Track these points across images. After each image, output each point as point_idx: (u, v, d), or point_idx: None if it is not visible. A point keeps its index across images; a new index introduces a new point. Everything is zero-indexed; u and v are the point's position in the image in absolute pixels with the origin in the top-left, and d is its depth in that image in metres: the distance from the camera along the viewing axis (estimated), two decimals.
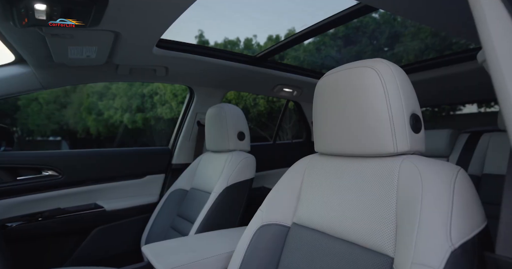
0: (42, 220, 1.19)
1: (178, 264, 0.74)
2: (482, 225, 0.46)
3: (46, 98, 14.74)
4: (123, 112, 12.29)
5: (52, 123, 14.80)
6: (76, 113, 14.35)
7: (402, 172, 0.56)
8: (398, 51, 8.96)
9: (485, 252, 0.42)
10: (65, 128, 14.97)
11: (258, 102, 9.17)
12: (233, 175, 1.13)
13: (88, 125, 13.69)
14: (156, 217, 1.34)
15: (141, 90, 11.97)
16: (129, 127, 12.01)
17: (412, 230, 0.47)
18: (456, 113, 9.32)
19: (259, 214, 0.77)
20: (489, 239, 0.46)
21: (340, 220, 0.62)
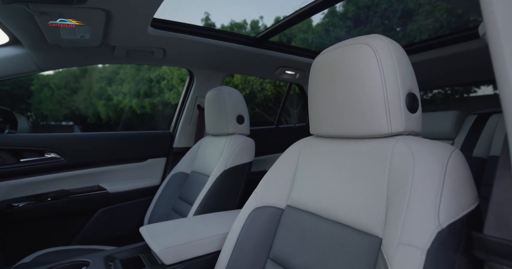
0: (47, 200, 1.22)
1: (173, 245, 0.75)
2: (472, 205, 0.45)
3: (57, 83, 14.93)
4: (131, 97, 12.37)
5: (64, 108, 15.06)
6: (86, 98, 14.53)
7: (395, 153, 0.54)
8: (411, 31, 8.55)
9: (473, 232, 0.41)
10: (76, 113, 15.24)
11: (265, 87, 9.04)
12: (231, 158, 1.12)
13: (99, 110, 13.88)
14: (158, 199, 1.36)
15: (148, 75, 11.95)
16: (138, 113, 12.13)
17: (401, 211, 0.46)
18: (470, 96, 8.96)
19: (253, 197, 0.77)
20: (479, 219, 0.45)
21: (332, 202, 0.61)
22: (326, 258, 0.57)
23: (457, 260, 0.41)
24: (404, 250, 0.42)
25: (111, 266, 0.76)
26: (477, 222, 0.44)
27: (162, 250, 0.72)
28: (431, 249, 0.40)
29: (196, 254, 0.77)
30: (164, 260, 0.72)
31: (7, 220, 1.15)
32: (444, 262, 0.40)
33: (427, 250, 0.40)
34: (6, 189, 1.15)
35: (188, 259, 0.76)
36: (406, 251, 0.42)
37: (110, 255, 0.81)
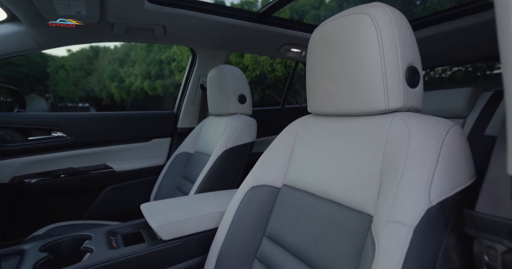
0: (57, 177, 1.27)
1: (170, 221, 0.76)
2: (467, 182, 0.44)
3: (72, 65, 15.13)
4: (142, 79, 12.41)
5: (80, 90, 15.36)
6: (100, 80, 14.71)
7: (391, 130, 0.51)
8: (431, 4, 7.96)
9: (465, 209, 0.40)
10: (91, 95, 15.53)
11: (275, 68, 8.83)
12: (232, 138, 1.11)
13: (112, 92, 14.08)
14: (163, 179, 1.38)
15: (159, 56, 11.88)
16: (150, 94, 12.22)
17: (392, 188, 0.45)
18: (493, 73, 8.41)
19: (250, 176, 0.77)
20: (473, 196, 0.43)
21: (327, 181, 0.60)
22: (319, 235, 0.57)
23: (445, 237, 0.40)
24: (392, 227, 0.41)
25: (112, 240, 0.78)
26: (471, 199, 0.42)
27: (160, 226, 0.74)
28: (419, 226, 0.39)
29: (194, 231, 0.78)
30: (162, 235, 0.73)
31: (20, 195, 1.20)
32: (431, 239, 0.39)
33: (414, 227, 0.39)
34: (17, 165, 1.20)
35: (186, 235, 0.77)
36: (393, 228, 0.41)
37: (112, 230, 0.83)
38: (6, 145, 1.18)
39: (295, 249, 0.60)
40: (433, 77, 7.26)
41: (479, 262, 0.36)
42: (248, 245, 0.71)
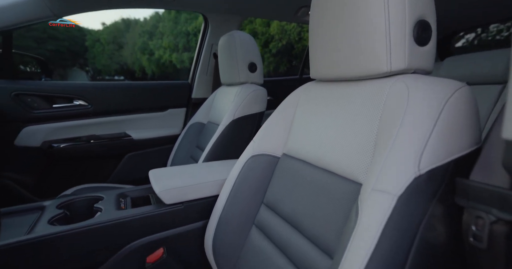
0: (81, 143, 1.35)
1: (173, 187, 0.78)
2: (466, 150, 0.40)
3: (106, 38, 15.58)
4: (171, 52, 12.49)
5: (114, 63, 15.94)
6: (132, 53, 15.07)
7: (391, 94, 0.46)
8: None
9: (457, 178, 0.37)
10: (125, 68, 16.08)
11: (303, 37, 8.33)
12: (240, 108, 1.08)
13: (143, 65, 14.44)
14: (178, 148, 1.41)
15: (186, 28, 11.74)
16: (178, 67, 12.35)
17: (382, 155, 0.42)
18: None
19: (251, 145, 0.76)
20: (471, 165, 0.39)
21: (324, 150, 0.57)
22: (311, 204, 0.56)
23: (431, 206, 0.37)
24: (376, 196, 0.39)
25: (122, 202, 0.82)
26: (468, 168, 0.39)
27: (162, 191, 0.76)
28: (404, 195, 0.37)
29: (196, 197, 0.80)
30: (165, 200, 0.76)
31: (50, 158, 1.31)
32: (415, 209, 0.36)
33: (398, 196, 0.37)
34: (46, 131, 1.29)
35: (188, 201, 0.79)
36: (377, 197, 0.39)
37: (123, 192, 0.88)
38: (34, 112, 1.26)
39: (289, 216, 0.60)
40: (486, 40, 6.21)
41: (466, 232, 0.34)
42: (247, 212, 0.72)
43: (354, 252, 0.37)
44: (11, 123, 1.23)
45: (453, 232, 0.38)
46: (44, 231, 0.64)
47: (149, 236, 0.75)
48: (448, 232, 0.37)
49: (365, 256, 0.36)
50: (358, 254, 0.37)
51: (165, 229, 0.77)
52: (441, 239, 0.37)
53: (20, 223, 0.70)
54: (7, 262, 0.60)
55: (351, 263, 0.37)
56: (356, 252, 0.37)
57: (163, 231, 0.76)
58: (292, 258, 0.55)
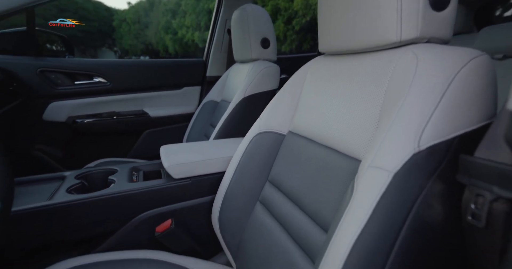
0: (102, 119, 1.41)
1: (180, 162, 0.79)
2: (472, 125, 0.36)
3: (132, 18, 15.72)
4: (193, 30, 12.37)
5: (140, 43, 16.16)
6: (156, 33, 15.14)
7: (398, 66, 0.42)
8: None
9: (461, 154, 0.34)
10: (150, 48, 16.26)
11: None
12: (251, 86, 1.05)
13: (167, 45, 14.50)
14: (192, 125, 1.43)
15: (207, 5, 11.47)
16: (200, 46, 12.26)
17: (383, 131, 0.39)
18: None
19: (258, 122, 0.76)
20: (478, 141, 0.35)
21: (327, 127, 0.56)
22: (312, 181, 0.55)
23: (429, 183, 0.35)
24: (372, 172, 0.38)
25: (134, 175, 0.86)
26: (476, 143, 0.35)
27: (170, 165, 0.78)
28: (400, 171, 0.35)
29: (203, 172, 0.81)
30: (173, 174, 0.78)
31: (74, 132, 1.38)
32: (412, 185, 0.35)
33: (394, 173, 0.35)
34: (70, 107, 1.35)
35: (196, 176, 0.80)
36: (373, 173, 0.37)
37: (136, 166, 0.91)
38: (58, 88, 1.32)
39: (291, 193, 0.60)
40: None
41: (464, 211, 0.33)
42: (252, 189, 0.72)
43: (346, 227, 0.37)
44: (38, 99, 1.30)
45: (450, 210, 0.35)
46: (62, 199, 0.69)
47: (159, 208, 0.78)
48: (445, 210, 0.35)
49: (356, 231, 0.35)
50: (349, 229, 0.36)
51: (174, 202, 0.79)
52: (437, 217, 0.35)
53: (43, 190, 0.75)
54: (29, 224, 0.65)
55: (342, 237, 0.36)
56: (348, 227, 0.36)
57: (172, 203, 0.79)
58: (292, 233, 0.55)
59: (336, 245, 0.37)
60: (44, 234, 0.68)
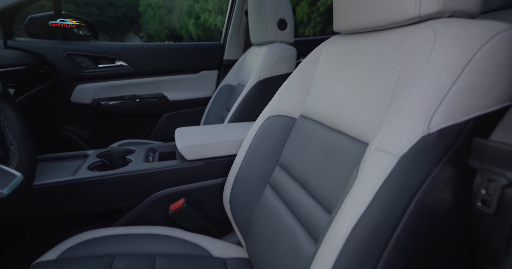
0: (124, 102, 1.45)
1: (193, 144, 0.80)
2: (492, 107, 0.33)
3: (156, 3, 15.78)
4: (216, 15, 12.19)
5: (164, 28, 16.27)
6: (180, 17, 15.13)
7: (414, 43, 0.38)
8: None
9: (475, 138, 0.32)
10: (173, 33, 16.34)
11: None
12: (266, 69, 1.02)
13: (190, 30, 14.48)
14: (209, 110, 1.44)
15: None
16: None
17: (393, 112, 0.37)
18: None
19: (269, 105, 0.75)
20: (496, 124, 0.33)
21: (338, 110, 0.54)
22: (320, 165, 0.54)
23: (437, 167, 0.33)
24: (377, 156, 0.36)
25: (150, 155, 0.88)
26: (493, 126, 0.33)
27: (183, 147, 0.79)
28: (406, 155, 0.33)
29: (215, 155, 0.82)
30: (185, 155, 0.79)
31: (99, 114, 1.44)
32: (418, 170, 0.33)
33: (400, 156, 0.33)
34: (94, 89, 1.41)
35: (208, 158, 0.82)
36: (378, 157, 0.36)
37: (152, 147, 0.94)
38: (84, 71, 1.37)
39: (299, 177, 0.59)
40: None
41: (474, 196, 0.31)
42: (262, 172, 0.72)
43: (347, 209, 0.36)
44: (66, 82, 1.36)
45: (458, 196, 0.33)
46: (84, 175, 0.73)
47: (172, 187, 0.80)
48: (453, 195, 0.33)
49: (357, 214, 0.34)
50: (351, 211, 0.35)
51: (187, 183, 0.81)
52: (443, 203, 0.33)
53: (68, 166, 0.80)
54: (52, 198, 0.70)
55: (343, 219, 0.36)
56: (349, 210, 0.35)
57: (185, 184, 0.81)
58: (298, 216, 0.56)
59: (337, 227, 0.36)
60: (67, 207, 0.73)
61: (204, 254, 0.67)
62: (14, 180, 0.44)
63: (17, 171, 0.46)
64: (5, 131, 0.51)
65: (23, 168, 0.48)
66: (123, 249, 0.64)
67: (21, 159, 0.50)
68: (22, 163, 0.49)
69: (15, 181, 0.44)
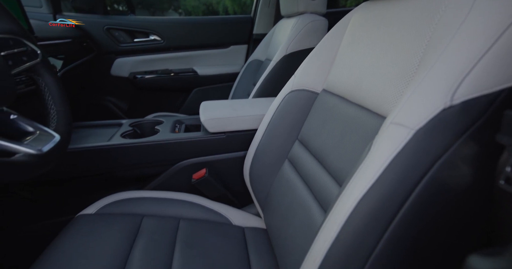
0: (158, 76, 1.50)
1: (216, 117, 0.81)
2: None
3: None
4: None
5: (201, 4, 16.15)
6: None
7: (449, 7, 0.34)
8: None
9: (507, 110, 0.28)
10: (210, 9, 16.18)
11: None
12: (294, 42, 0.96)
13: (226, 5, 14.18)
14: (237, 85, 1.43)
15: None
16: None
17: (414, 85, 0.34)
18: None
19: (292, 79, 0.72)
20: None
21: (360, 83, 0.51)
22: (338, 140, 0.52)
23: (456, 143, 0.29)
24: (392, 129, 0.33)
25: (177, 127, 0.92)
26: None
27: (206, 119, 0.81)
28: (423, 128, 0.30)
29: (236, 128, 0.82)
30: (208, 128, 0.81)
31: (135, 87, 1.52)
32: (434, 146, 0.30)
33: (416, 130, 0.30)
34: (131, 63, 1.47)
35: (229, 131, 0.83)
36: (393, 130, 0.33)
37: (180, 119, 0.97)
38: (121, 45, 1.43)
39: (317, 152, 0.58)
40: None
41: (498, 174, 0.28)
42: (282, 147, 0.71)
43: (355, 183, 0.35)
44: (106, 55, 1.43)
45: (477, 174, 0.30)
46: (116, 141, 0.79)
47: (196, 158, 0.83)
48: (471, 173, 0.30)
49: (364, 188, 0.32)
50: (359, 185, 0.34)
51: (209, 154, 0.84)
52: (460, 181, 0.30)
53: (105, 133, 0.87)
54: (90, 160, 0.77)
55: (351, 193, 0.34)
56: (358, 184, 0.34)
57: (207, 155, 0.84)
58: (313, 190, 0.55)
59: (344, 200, 0.35)
60: (102, 169, 0.80)
61: (224, 222, 0.71)
62: (52, 140, 0.49)
63: (55, 132, 0.51)
64: (46, 95, 0.55)
65: (60, 130, 0.53)
66: (151, 210, 0.70)
67: (59, 122, 0.55)
68: (59, 126, 0.54)
69: (53, 141, 0.49)
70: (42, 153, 0.45)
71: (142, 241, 0.59)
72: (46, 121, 0.55)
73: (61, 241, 0.57)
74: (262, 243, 0.65)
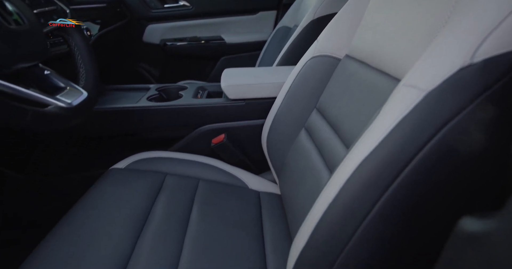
0: (186, 44, 1.50)
1: (236, 83, 0.81)
2: None
3: None
4: None
5: None
6: None
7: None
8: None
9: None
10: None
11: None
12: (322, 6, 0.89)
13: None
14: (263, 54, 1.38)
15: None
16: None
17: (433, 44, 0.31)
18: None
19: (314, 45, 0.68)
20: None
21: (381, 48, 0.47)
22: (355, 108, 0.50)
23: (471, 106, 0.26)
24: (403, 91, 0.31)
25: (200, 93, 0.93)
26: None
27: (226, 86, 0.80)
28: (436, 90, 0.27)
29: (256, 96, 0.82)
30: (228, 94, 0.81)
31: (165, 54, 1.54)
32: (447, 108, 0.27)
33: (428, 92, 0.28)
34: (162, 30, 1.48)
35: (249, 98, 0.82)
36: (403, 93, 0.31)
37: (202, 86, 0.99)
38: (153, 11, 1.43)
39: (333, 121, 0.56)
40: None
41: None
42: (299, 115, 0.70)
43: (361, 145, 0.33)
44: (138, 21, 1.45)
45: (491, 139, 0.27)
46: (142, 104, 0.83)
47: (216, 123, 0.85)
48: (485, 138, 0.27)
49: (368, 149, 0.31)
50: (363, 147, 0.32)
51: (228, 121, 0.85)
52: (471, 146, 0.27)
53: (134, 95, 0.91)
54: (119, 120, 0.83)
55: (353, 156, 0.33)
56: (363, 145, 0.33)
57: (227, 121, 0.85)
58: (325, 158, 0.55)
59: (347, 162, 0.34)
60: (130, 129, 0.85)
61: (240, 185, 0.73)
62: (81, 96, 0.53)
63: (84, 89, 0.55)
64: (76, 55, 0.59)
65: (88, 88, 0.57)
66: (173, 169, 0.75)
67: (87, 80, 0.59)
68: (88, 84, 0.58)
69: (81, 96, 0.53)
70: (71, 106, 0.49)
71: (164, 196, 0.64)
72: (77, 79, 0.59)
73: (96, 189, 0.64)
74: (276, 208, 0.67)
